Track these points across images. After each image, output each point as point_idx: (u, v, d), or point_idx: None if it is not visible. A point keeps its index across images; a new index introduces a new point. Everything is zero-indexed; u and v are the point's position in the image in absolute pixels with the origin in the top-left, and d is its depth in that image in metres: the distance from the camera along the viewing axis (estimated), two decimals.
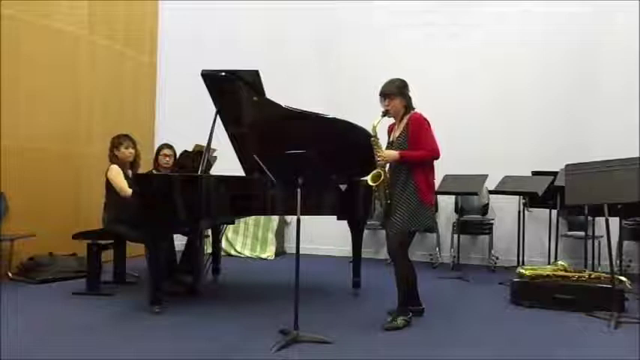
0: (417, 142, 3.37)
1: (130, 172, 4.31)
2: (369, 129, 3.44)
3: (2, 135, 4.61)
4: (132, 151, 4.36)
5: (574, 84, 5.73)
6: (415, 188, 3.37)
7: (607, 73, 5.60)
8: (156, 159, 4.73)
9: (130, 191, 4.07)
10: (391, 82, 3.48)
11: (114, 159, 4.31)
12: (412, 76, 3.61)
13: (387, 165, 3.48)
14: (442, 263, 5.86)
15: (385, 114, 3.47)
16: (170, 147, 4.75)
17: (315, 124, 4.07)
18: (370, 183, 3.42)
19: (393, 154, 3.40)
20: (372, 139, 3.43)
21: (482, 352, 3.00)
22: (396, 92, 3.44)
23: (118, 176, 4.18)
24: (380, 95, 3.48)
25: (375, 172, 3.42)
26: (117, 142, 4.34)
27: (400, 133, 3.46)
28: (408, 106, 3.49)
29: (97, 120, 5.62)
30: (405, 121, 3.47)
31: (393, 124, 3.61)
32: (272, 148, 3.28)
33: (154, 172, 4.65)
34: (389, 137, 3.61)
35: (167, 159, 4.68)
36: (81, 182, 5.36)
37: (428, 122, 3.43)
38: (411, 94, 3.52)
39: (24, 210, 4.71)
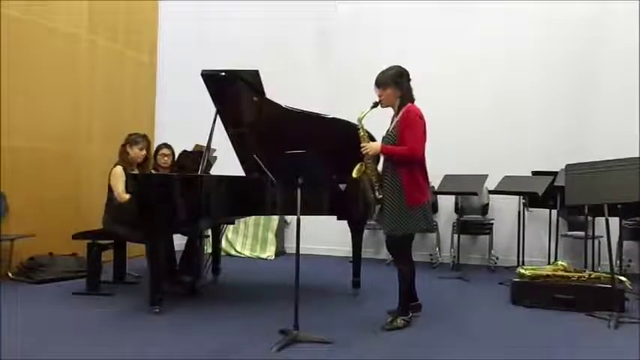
0: (404, 137, 3.23)
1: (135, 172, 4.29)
2: (357, 122, 3.36)
3: (2, 135, 4.61)
4: (144, 153, 4.37)
5: (574, 84, 5.73)
6: (401, 188, 3.23)
7: (607, 73, 5.60)
8: (154, 159, 4.73)
9: (126, 197, 4.07)
10: (386, 70, 3.35)
11: (124, 155, 4.30)
12: (412, 76, 3.59)
13: (380, 159, 3.42)
14: (442, 263, 5.85)
15: (376, 105, 3.33)
16: (168, 147, 4.74)
17: (315, 124, 4.07)
18: (353, 175, 3.31)
19: (376, 146, 3.30)
20: (359, 130, 3.34)
21: (482, 352, 3.00)
22: (389, 82, 3.30)
23: (118, 181, 4.16)
24: (374, 84, 3.36)
25: (358, 165, 3.31)
26: (133, 139, 4.33)
27: (394, 126, 3.35)
28: (405, 97, 3.32)
29: (97, 120, 5.62)
30: (400, 113, 3.33)
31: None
32: (272, 148, 3.28)
33: (153, 172, 4.65)
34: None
35: (165, 159, 4.68)
36: (81, 182, 5.36)
37: (421, 117, 3.27)
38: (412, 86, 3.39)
39: (24, 210, 4.71)
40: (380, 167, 3.49)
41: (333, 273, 5.29)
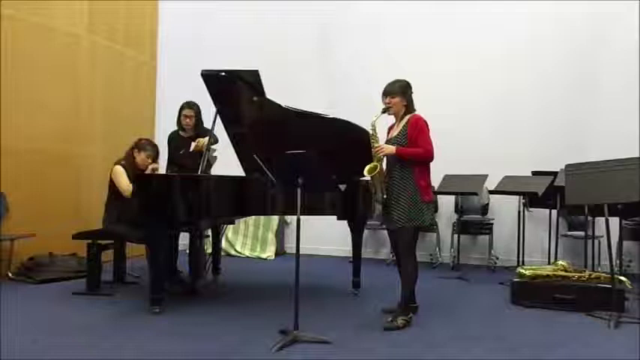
0: (416, 141, 3.44)
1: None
2: (369, 125, 3.47)
3: (2, 135, 4.61)
4: (149, 162, 4.30)
5: (574, 84, 5.72)
6: (416, 188, 3.43)
7: (607, 73, 5.60)
8: (178, 120, 4.56)
9: (131, 189, 4.05)
10: (394, 81, 3.58)
11: (129, 158, 4.26)
12: (412, 76, 3.62)
13: (385, 160, 3.55)
14: (442, 263, 5.85)
15: (385, 111, 3.53)
16: (191, 106, 4.47)
17: (315, 124, 4.07)
18: (366, 174, 3.47)
19: (391, 147, 3.47)
20: (371, 133, 3.48)
21: (482, 351, 3.00)
22: (397, 91, 3.52)
23: (121, 176, 4.15)
24: (382, 94, 3.56)
25: (371, 164, 3.46)
26: (143, 145, 4.29)
27: (399, 132, 3.53)
28: (409, 107, 3.56)
29: (97, 120, 5.62)
30: (404, 120, 3.53)
31: (393, 124, 3.66)
32: (272, 148, 3.28)
33: (180, 133, 4.56)
34: (387, 136, 3.66)
35: (188, 120, 4.48)
36: (81, 182, 5.36)
37: (427, 125, 3.50)
38: (413, 96, 3.58)
39: (24, 210, 4.71)
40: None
41: (333, 273, 5.29)
